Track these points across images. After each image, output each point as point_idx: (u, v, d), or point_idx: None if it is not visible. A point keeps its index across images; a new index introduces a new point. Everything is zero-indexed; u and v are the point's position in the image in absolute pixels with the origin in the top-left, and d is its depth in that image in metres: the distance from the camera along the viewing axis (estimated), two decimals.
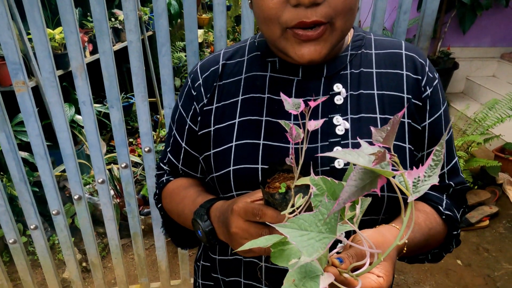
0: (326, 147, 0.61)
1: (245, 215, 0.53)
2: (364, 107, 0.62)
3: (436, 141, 0.65)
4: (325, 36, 0.55)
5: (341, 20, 0.54)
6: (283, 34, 0.55)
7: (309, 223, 0.36)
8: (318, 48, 0.55)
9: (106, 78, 1.30)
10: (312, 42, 0.55)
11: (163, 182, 0.77)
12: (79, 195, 1.49)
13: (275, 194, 0.50)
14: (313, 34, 0.54)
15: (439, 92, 0.65)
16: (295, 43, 0.55)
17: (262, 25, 0.57)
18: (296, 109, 0.50)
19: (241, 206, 0.53)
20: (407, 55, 0.65)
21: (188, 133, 0.71)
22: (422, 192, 0.34)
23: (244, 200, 0.54)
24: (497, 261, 2.14)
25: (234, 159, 0.63)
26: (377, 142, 0.38)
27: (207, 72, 0.69)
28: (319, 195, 0.42)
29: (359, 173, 0.35)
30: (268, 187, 0.54)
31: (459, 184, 0.69)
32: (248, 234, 0.53)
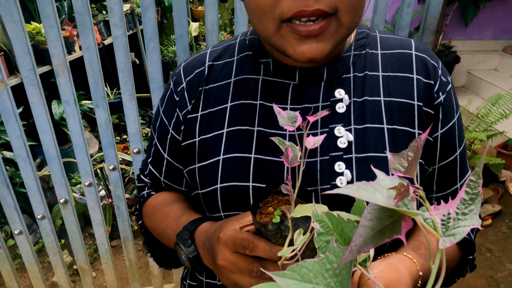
0: (326, 162, 0.53)
1: (233, 246, 0.45)
2: (369, 116, 0.54)
3: (449, 153, 0.58)
4: (329, 31, 0.46)
5: (348, 14, 0.46)
6: (278, 29, 0.47)
7: (314, 273, 0.29)
8: (321, 45, 0.47)
9: (90, 76, 1.22)
10: (314, 38, 0.46)
11: (144, 197, 0.69)
12: (65, 198, 1.42)
13: (268, 224, 0.43)
14: (315, 29, 0.45)
15: (453, 98, 0.58)
16: (294, 40, 0.47)
17: (254, 19, 0.49)
18: (292, 124, 0.42)
19: (229, 235, 0.46)
20: (417, 56, 0.57)
21: (171, 143, 0.63)
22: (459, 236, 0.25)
23: (233, 227, 0.47)
24: (500, 261, 2.08)
25: (222, 176, 0.56)
26: (396, 172, 0.30)
27: (191, 74, 0.61)
28: (324, 234, 0.34)
29: (375, 212, 0.27)
30: (261, 212, 0.47)
31: None
32: (236, 268, 0.46)
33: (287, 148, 0.43)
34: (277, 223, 0.43)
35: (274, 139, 0.44)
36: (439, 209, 0.27)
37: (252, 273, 0.45)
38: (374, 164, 0.52)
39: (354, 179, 0.52)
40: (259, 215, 0.46)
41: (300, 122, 0.43)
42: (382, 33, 0.60)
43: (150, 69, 1.25)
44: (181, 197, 0.68)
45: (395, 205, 0.26)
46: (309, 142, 0.43)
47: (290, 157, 0.42)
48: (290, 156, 0.42)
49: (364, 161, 0.53)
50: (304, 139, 0.43)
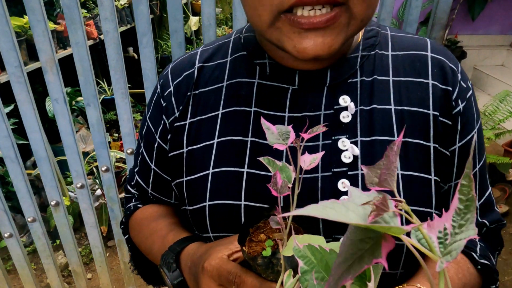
0: (328, 179, 0.47)
1: (219, 279, 0.40)
2: (378, 127, 0.48)
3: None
4: (339, 23, 0.39)
5: (361, 4, 0.38)
6: (275, 21, 0.40)
7: None
8: (328, 40, 0.39)
9: (80, 73, 1.15)
10: (320, 31, 0.38)
11: (130, 209, 0.63)
12: (56, 200, 1.36)
13: (258, 257, 0.37)
14: (321, 20, 0.37)
15: (473, 106, 0.51)
16: (293, 33, 0.39)
17: (248, 10, 0.42)
18: (283, 141, 0.36)
19: (214, 266, 0.40)
20: (434, 59, 0.50)
21: (158, 152, 0.57)
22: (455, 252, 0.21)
23: (219, 256, 0.41)
24: (507, 264, 2.02)
25: (211, 192, 0.50)
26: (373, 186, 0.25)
27: (179, 77, 0.54)
28: (309, 272, 0.28)
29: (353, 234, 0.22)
30: (251, 240, 0.40)
31: (494, 222, 0.54)
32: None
33: (275, 175, 0.36)
34: (267, 256, 0.37)
35: (262, 159, 0.37)
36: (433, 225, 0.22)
37: None
38: None
39: None
40: (249, 243, 0.40)
41: (293, 138, 0.36)
42: (393, 31, 0.53)
43: (144, 66, 1.18)
44: (170, 211, 0.62)
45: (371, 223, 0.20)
46: (305, 160, 0.36)
47: (279, 185, 0.36)
48: (278, 184, 0.36)
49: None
50: (298, 158, 0.36)
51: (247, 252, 0.39)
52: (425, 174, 0.47)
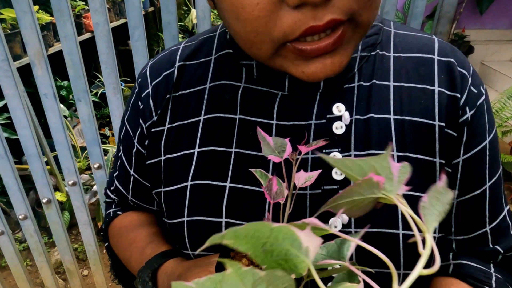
0: (317, 197, 0.42)
1: None
2: (375, 139, 0.42)
3: (474, 185, 0.45)
4: (345, 40, 0.35)
5: (367, 11, 0.34)
6: (278, 51, 0.35)
7: None
8: (337, 58, 0.35)
9: (70, 67, 1.11)
10: (327, 53, 0.34)
11: (110, 216, 0.59)
12: (48, 198, 1.33)
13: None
14: (328, 44, 0.33)
15: (485, 114, 0.45)
16: (299, 60, 0.35)
17: (241, 41, 0.37)
18: (278, 154, 0.33)
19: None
20: (441, 63, 0.44)
21: (137, 158, 0.52)
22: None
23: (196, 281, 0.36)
24: None
25: (189, 207, 0.45)
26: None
27: (158, 77, 0.49)
28: None
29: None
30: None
31: (510, 249, 0.48)
32: None
33: (272, 179, 0.32)
34: None
35: (254, 171, 0.34)
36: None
37: None
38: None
39: (352, 221, 0.41)
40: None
41: (289, 152, 0.33)
42: (398, 28, 0.48)
43: (136, 59, 1.14)
44: (151, 220, 0.58)
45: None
46: (300, 178, 0.33)
47: (274, 190, 0.32)
48: (274, 190, 0.32)
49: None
50: (293, 174, 0.32)
51: None
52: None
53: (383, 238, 0.41)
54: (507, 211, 0.48)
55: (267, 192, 0.32)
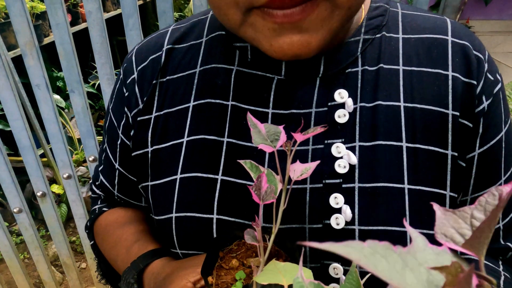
0: (318, 193, 0.39)
1: None
2: (382, 128, 0.39)
3: (489, 180, 0.42)
4: (318, 16, 0.32)
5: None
6: (245, 17, 0.33)
7: None
8: (306, 37, 0.32)
9: (62, 57, 1.08)
10: (296, 28, 0.32)
11: (95, 213, 0.57)
12: (42, 191, 1.31)
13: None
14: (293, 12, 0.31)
15: (501, 104, 0.42)
16: (268, 30, 0.33)
17: (214, 11, 0.35)
18: (271, 143, 0.29)
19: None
20: (455, 45, 0.40)
21: (122, 150, 0.49)
22: None
23: (183, 284, 0.35)
24: None
25: (178, 202, 0.42)
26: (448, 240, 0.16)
27: (145, 61, 0.46)
28: None
29: None
30: (220, 266, 0.33)
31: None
32: None
33: (261, 177, 0.29)
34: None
35: (243, 162, 0.31)
36: None
37: None
38: (386, 198, 0.38)
39: (356, 219, 0.38)
40: (218, 271, 0.33)
41: (283, 140, 0.30)
42: (405, 8, 0.44)
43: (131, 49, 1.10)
44: (138, 217, 0.55)
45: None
46: (295, 170, 0.30)
47: (263, 190, 0.29)
48: (263, 189, 0.29)
49: (372, 193, 0.38)
50: (288, 166, 0.29)
51: (214, 284, 0.32)
52: (439, 189, 0.39)
53: (389, 236, 0.38)
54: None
55: (255, 192, 0.28)
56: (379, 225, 0.38)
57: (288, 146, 0.29)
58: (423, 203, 0.38)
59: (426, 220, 0.39)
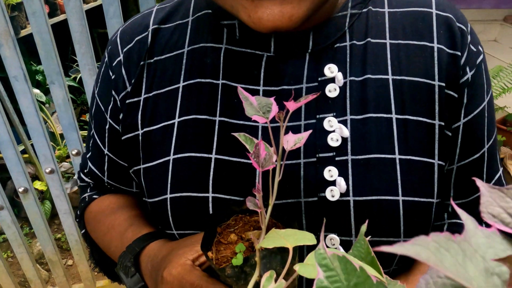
0: (312, 166, 0.39)
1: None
2: (372, 102, 0.40)
3: (474, 149, 0.44)
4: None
5: None
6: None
7: None
8: (288, 8, 0.32)
9: (40, 47, 1.04)
10: (278, 1, 0.32)
11: (85, 201, 0.55)
12: (24, 187, 1.27)
13: (226, 268, 0.30)
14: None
15: (484, 74, 0.43)
16: (247, 1, 0.33)
17: None
18: (264, 114, 0.30)
19: (175, 276, 0.34)
20: (439, 17, 0.41)
21: (110, 135, 0.48)
22: None
23: (181, 262, 0.34)
24: None
25: (173, 183, 0.42)
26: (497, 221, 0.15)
27: (130, 43, 0.45)
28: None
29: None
30: (219, 242, 0.33)
31: None
32: None
33: (259, 144, 0.29)
34: (238, 265, 0.30)
35: (238, 135, 0.31)
36: None
37: None
38: (379, 169, 0.38)
39: (350, 190, 0.39)
40: (217, 246, 0.33)
41: (276, 111, 0.30)
42: None
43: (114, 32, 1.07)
44: (130, 202, 0.54)
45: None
46: (289, 140, 0.30)
47: (263, 156, 0.29)
48: (262, 156, 0.29)
49: (364, 165, 0.39)
50: (281, 136, 0.29)
51: (214, 258, 0.32)
52: (427, 158, 0.40)
53: (383, 205, 0.39)
54: (501, 173, 0.48)
55: (254, 159, 0.28)
56: (373, 195, 0.38)
57: (281, 117, 0.29)
58: (414, 172, 0.39)
59: (418, 188, 0.39)
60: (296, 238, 0.27)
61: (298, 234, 0.28)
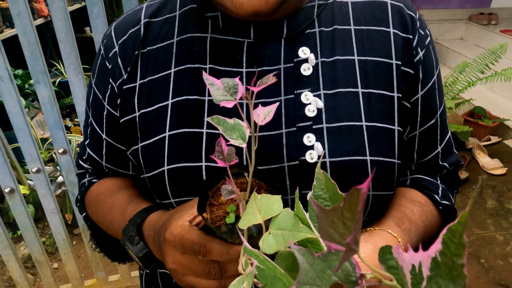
0: (293, 135, 0.45)
1: (182, 248, 0.38)
2: (341, 78, 0.46)
3: (430, 116, 0.51)
4: None
5: None
6: None
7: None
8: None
9: (25, 47, 1.06)
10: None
11: (85, 185, 0.59)
12: (10, 187, 1.28)
13: (221, 226, 0.35)
14: None
15: (432, 53, 0.50)
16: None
17: None
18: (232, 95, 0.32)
19: (176, 236, 0.38)
20: (393, 7, 0.49)
21: (108, 120, 0.53)
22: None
23: (180, 224, 0.39)
24: (468, 227, 2.12)
25: (169, 156, 0.47)
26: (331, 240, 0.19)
27: (124, 36, 0.50)
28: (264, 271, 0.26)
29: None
30: (211, 204, 0.38)
31: (453, 164, 0.56)
32: (190, 271, 0.39)
33: (220, 142, 0.32)
34: (231, 223, 0.35)
35: (211, 119, 0.34)
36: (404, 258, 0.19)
37: (210, 275, 0.38)
38: (349, 134, 0.45)
39: (326, 153, 0.45)
40: (210, 207, 0.38)
41: (242, 91, 0.33)
42: None
43: (97, 39, 1.11)
44: (128, 183, 0.58)
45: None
46: (259, 114, 0.34)
47: (225, 152, 0.32)
48: (224, 152, 0.32)
49: (337, 131, 0.45)
50: (251, 112, 0.33)
51: (209, 218, 0.37)
52: (389, 125, 0.47)
53: (354, 164, 0.45)
54: (450, 133, 0.56)
55: (218, 158, 0.32)
56: (345, 156, 0.45)
57: (248, 97, 0.32)
58: (378, 136, 0.46)
59: (382, 149, 0.46)
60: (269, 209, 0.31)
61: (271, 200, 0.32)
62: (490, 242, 2.01)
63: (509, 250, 1.96)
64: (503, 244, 2.00)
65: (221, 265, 0.38)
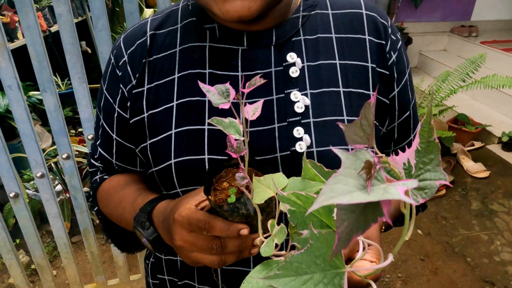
0: (284, 128, 0.52)
1: (189, 227, 0.44)
2: (325, 80, 0.54)
3: (405, 109, 0.59)
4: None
5: None
6: None
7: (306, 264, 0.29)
8: (247, 2, 0.45)
9: (34, 58, 1.14)
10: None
11: (97, 182, 0.66)
12: (15, 192, 1.33)
13: (224, 205, 0.41)
14: None
15: (404, 55, 0.58)
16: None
17: None
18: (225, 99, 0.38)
19: (184, 216, 0.44)
20: (368, 16, 0.57)
21: (118, 122, 0.59)
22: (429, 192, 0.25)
23: (187, 206, 0.45)
24: (454, 228, 2.21)
25: (175, 150, 0.53)
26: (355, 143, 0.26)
27: (132, 46, 0.57)
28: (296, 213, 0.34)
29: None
30: (215, 189, 0.44)
31: None
32: (195, 247, 0.45)
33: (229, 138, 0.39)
34: (232, 202, 0.41)
35: (211, 120, 0.41)
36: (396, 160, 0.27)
37: (212, 250, 0.44)
38: (332, 127, 0.52)
39: (313, 143, 0.52)
40: (214, 192, 0.44)
41: (233, 94, 0.39)
42: None
43: (101, 50, 1.19)
44: (137, 178, 0.65)
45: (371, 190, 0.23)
46: (248, 111, 0.40)
47: (235, 145, 0.39)
48: (234, 145, 0.39)
49: (322, 125, 0.52)
50: (242, 110, 0.39)
51: (213, 200, 0.43)
52: None
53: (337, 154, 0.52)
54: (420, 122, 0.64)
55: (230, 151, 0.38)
56: (330, 146, 0.52)
57: (239, 98, 0.38)
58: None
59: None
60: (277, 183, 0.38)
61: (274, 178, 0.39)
62: (475, 241, 2.10)
63: (493, 248, 2.05)
64: (487, 243, 2.09)
65: (221, 241, 0.44)
